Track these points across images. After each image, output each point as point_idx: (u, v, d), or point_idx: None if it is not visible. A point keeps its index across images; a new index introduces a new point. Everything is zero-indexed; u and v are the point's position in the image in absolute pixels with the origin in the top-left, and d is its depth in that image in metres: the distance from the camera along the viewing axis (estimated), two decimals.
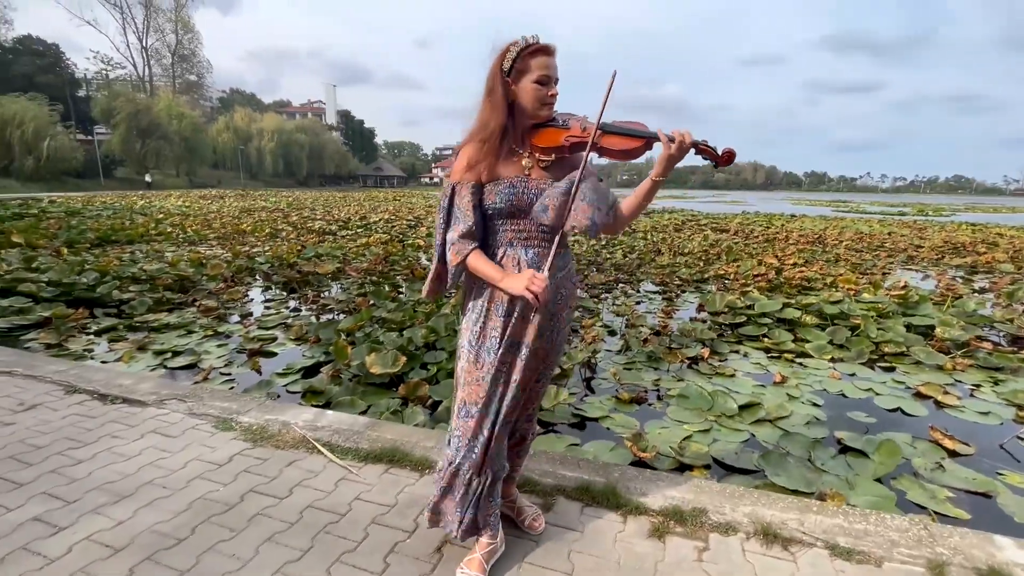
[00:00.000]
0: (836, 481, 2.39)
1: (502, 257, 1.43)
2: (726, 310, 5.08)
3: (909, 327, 4.72)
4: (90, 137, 42.57)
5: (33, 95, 34.36)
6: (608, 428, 2.87)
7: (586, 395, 3.34)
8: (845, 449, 2.70)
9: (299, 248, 8.53)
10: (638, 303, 5.78)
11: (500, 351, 1.42)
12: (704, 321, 4.95)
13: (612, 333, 4.64)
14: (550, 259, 1.37)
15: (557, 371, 3.34)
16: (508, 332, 1.42)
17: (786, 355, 4.10)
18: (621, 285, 6.64)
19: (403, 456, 2.08)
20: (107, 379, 2.82)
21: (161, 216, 14.17)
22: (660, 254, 9.12)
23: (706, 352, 4.00)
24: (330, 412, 2.51)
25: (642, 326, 4.62)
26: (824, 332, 4.49)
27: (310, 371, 3.60)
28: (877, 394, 3.44)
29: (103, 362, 3.71)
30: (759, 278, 6.53)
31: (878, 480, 2.42)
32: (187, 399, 2.60)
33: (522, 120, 1.41)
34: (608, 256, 8.55)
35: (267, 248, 8.83)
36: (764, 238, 12.18)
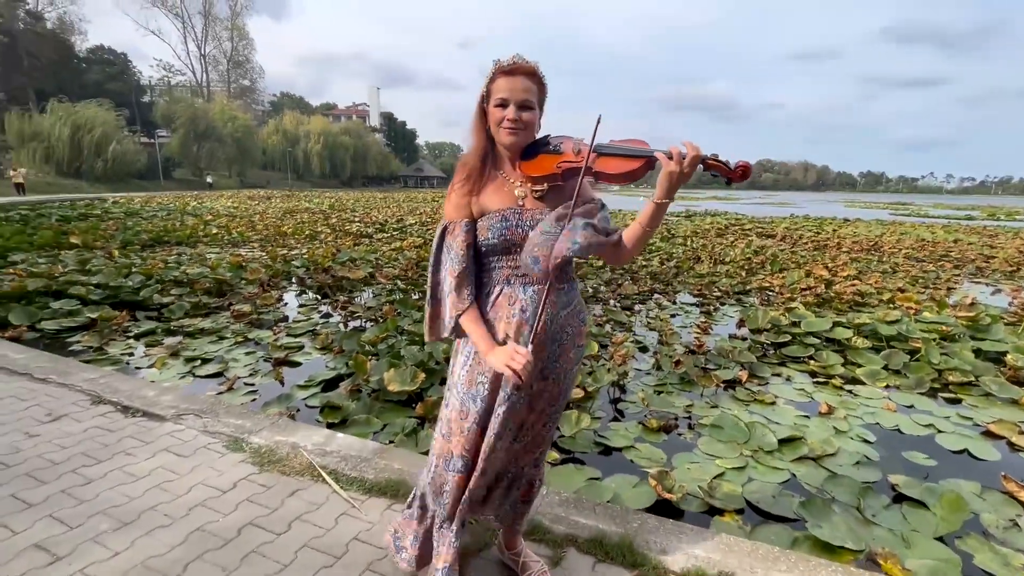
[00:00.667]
0: (889, 537, 2.13)
1: (498, 296, 1.32)
2: (769, 327, 4.76)
3: (978, 352, 4.27)
4: (152, 140, 45.18)
5: (102, 101, 36.77)
6: (632, 460, 2.69)
7: (613, 419, 3.17)
8: (901, 498, 2.42)
9: (334, 252, 8.66)
10: (673, 316, 5.52)
11: (487, 399, 1.32)
12: (743, 339, 4.65)
13: (644, 349, 4.42)
14: (539, 320, 1.25)
15: (580, 393, 3.17)
16: (498, 378, 1.31)
17: (834, 381, 3.77)
18: (656, 296, 6.37)
19: (407, 490, 1.98)
20: (132, 390, 2.86)
21: (210, 217, 14.80)
22: (699, 262, 8.74)
23: (744, 375, 3.73)
24: (340, 435, 2.45)
25: (676, 344, 4.38)
26: (879, 356, 4.12)
27: (331, 383, 3.58)
28: (939, 431, 3.10)
29: (137, 368, 3.81)
30: (807, 292, 6.12)
31: (940, 539, 2.14)
32: (203, 415, 2.60)
33: (497, 143, 1.32)
34: (644, 264, 8.26)
35: (304, 251, 9.02)
36: (813, 245, 11.53)
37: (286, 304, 5.76)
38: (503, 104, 1.25)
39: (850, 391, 3.63)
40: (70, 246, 8.88)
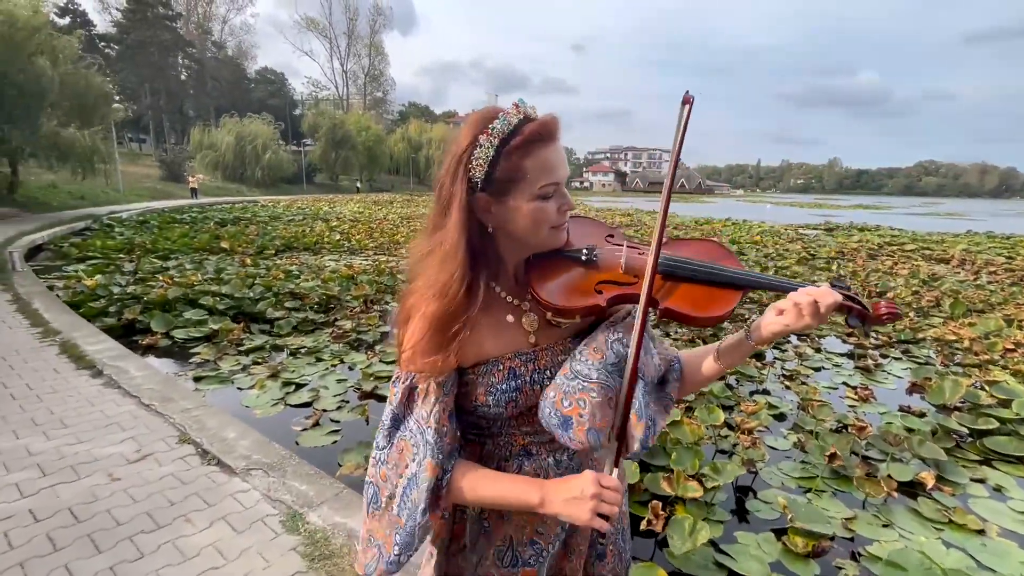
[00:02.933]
0: None
1: (517, 473, 0.87)
2: (961, 403, 3.62)
3: None
4: (300, 149, 51.04)
5: (265, 116, 42.33)
6: None
7: (739, 518, 2.49)
8: None
9: None
10: (817, 370, 4.51)
11: None
12: (921, 414, 3.58)
13: (780, 417, 3.59)
14: (614, 455, 0.78)
15: (698, 490, 2.52)
16: None
17: None
18: (794, 340, 5.33)
19: None
20: (217, 429, 2.82)
21: (336, 223, 16.00)
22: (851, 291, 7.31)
23: (930, 478, 2.77)
24: None
25: (824, 417, 3.47)
26: None
27: None
28: None
29: (239, 388, 3.90)
30: (1014, 352, 4.67)
31: None
32: (272, 471, 2.43)
33: (512, 252, 0.86)
34: (719, 242, 7.09)
35: None
36: (1009, 277, 9.19)
37: (388, 323, 5.74)
38: (549, 194, 0.79)
39: None
40: (220, 250, 10.00)
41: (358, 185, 48.46)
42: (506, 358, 0.83)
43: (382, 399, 3.80)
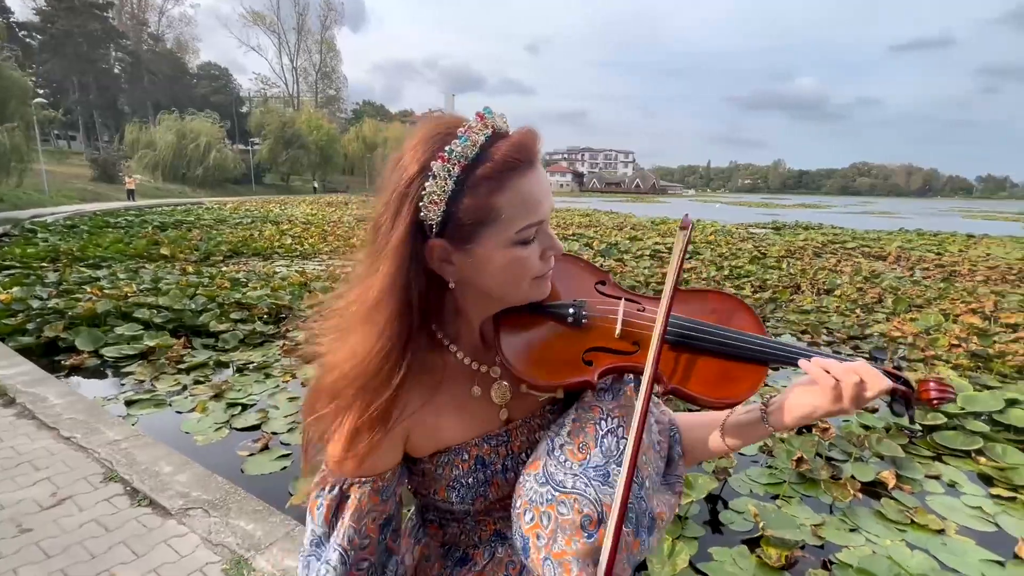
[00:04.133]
0: None
1: (486, 566, 0.71)
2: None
3: None
4: (247, 148, 48.89)
5: (209, 113, 40.25)
6: None
7: (713, 530, 2.44)
8: None
9: None
10: (776, 369, 4.59)
11: None
12: (873, 410, 3.69)
13: None
14: (606, 553, 0.55)
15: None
16: None
17: (1022, 493, 2.78)
18: None
19: None
20: (149, 463, 2.53)
21: (287, 226, 15.32)
22: (799, 292, 7.59)
23: (891, 478, 2.83)
24: None
25: None
26: None
27: None
28: None
29: (179, 412, 3.57)
30: (957, 347, 4.91)
31: None
32: (213, 510, 2.19)
33: (478, 308, 0.67)
34: (733, 293, 7.25)
35: None
36: (940, 272, 9.81)
37: None
38: (530, 238, 0.60)
39: None
40: (159, 257, 9.32)
41: (314, 185, 47.00)
42: (472, 444, 0.66)
43: None
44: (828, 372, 0.60)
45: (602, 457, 0.60)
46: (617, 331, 0.66)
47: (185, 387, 3.97)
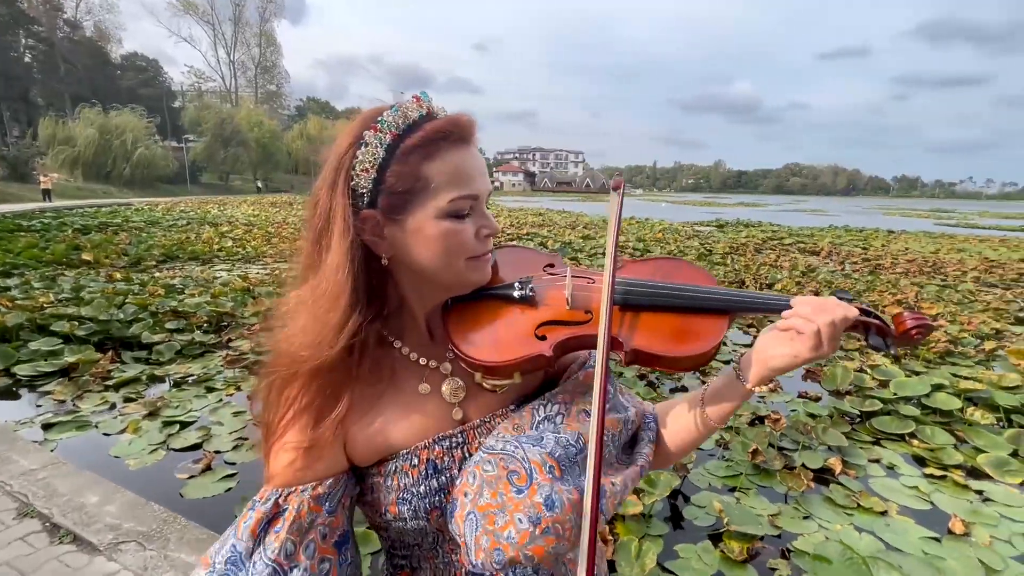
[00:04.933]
0: None
1: None
2: (852, 388, 3.98)
3: None
4: (180, 146, 45.98)
5: (135, 107, 37.50)
6: None
7: (675, 526, 2.47)
8: None
9: None
10: (727, 362, 4.76)
11: None
12: (816, 399, 3.88)
13: (683, 388, 3.69)
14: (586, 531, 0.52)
15: (638, 506, 2.46)
16: None
17: (953, 475, 2.98)
18: None
19: None
20: (73, 493, 2.28)
21: (227, 228, 14.50)
22: (744, 286, 7.93)
23: (838, 464, 2.98)
24: None
25: (740, 413, 3.63)
26: (1002, 437, 3.31)
27: None
28: None
29: (106, 434, 3.26)
30: None
31: None
32: (149, 542, 1.99)
33: (419, 295, 0.65)
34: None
35: None
36: (866, 266, 10.54)
37: None
38: (463, 212, 0.58)
39: (980, 492, 2.84)
40: (81, 263, 8.55)
41: (258, 185, 44.80)
42: (422, 447, 0.61)
43: None
44: (808, 319, 0.58)
45: (536, 432, 0.60)
46: (568, 302, 0.64)
47: (114, 405, 3.64)
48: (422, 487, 0.60)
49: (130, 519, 2.13)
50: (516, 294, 0.64)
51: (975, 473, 3.03)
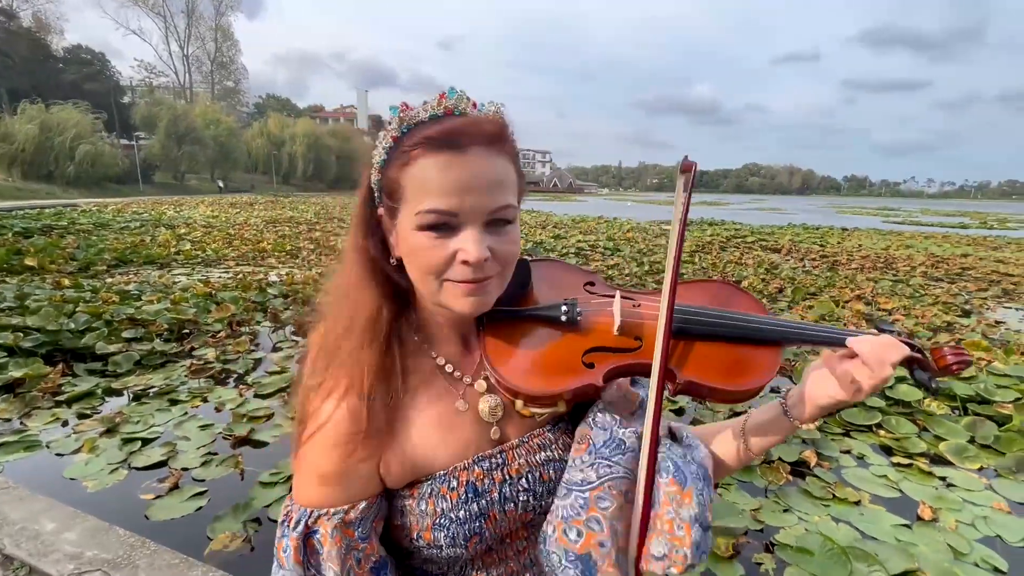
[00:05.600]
0: None
1: None
2: None
3: None
4: (131, 143, 43.77)
5: (78, 102, 35.37)
6: None
7: None
8: None
9: (317, 275, 7.89)
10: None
11: None
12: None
13: (679, 412, 3.75)
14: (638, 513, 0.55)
15: None
16: None
17: (919, 463, 3.12)
18: None
19: None
20: (26, 520, 2.11)
21: (185, 230, 13.88)
22: None
23: (812, 456, 3.07)
24: None
25: (718, 409, 3.70)
26: (960, 425, 3.49)
27: None
28: None
29: (59, 454, 3.04)
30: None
31: None
32: (116, 571, 1.86)
33: (423, 296, 0.62)
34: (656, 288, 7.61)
35: (285, 273, 8.24)
36: (825, 262, 10.98)
37: (260, 347, 4.99)
38: (442, 224, 0.54)
39: (943, 479, 2.98)
40: (23, 268, 7.99)
41: (220, 184, 43.06)
42: (461, 468, 0.57)
43: (259, 445, 3.23)
44: (871, 372, 0.57)
45: (605, 432, 0.59)
46: (616, 327, 0.61)
47: (66, 423, 3.40)
48: (461, 512, 0.56)
49: (93, 546, 1.98)
50: (562, 317, 0.60)
51: (938, 460, 3.18)
